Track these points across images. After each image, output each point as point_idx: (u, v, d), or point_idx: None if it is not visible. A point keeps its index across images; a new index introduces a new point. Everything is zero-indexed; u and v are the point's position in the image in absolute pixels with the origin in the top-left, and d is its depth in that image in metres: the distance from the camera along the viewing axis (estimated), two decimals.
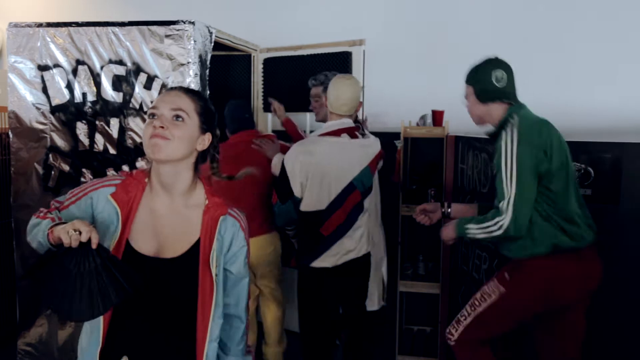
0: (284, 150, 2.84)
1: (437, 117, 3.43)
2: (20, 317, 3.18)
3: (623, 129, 3.56)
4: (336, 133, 2.66)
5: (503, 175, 2.09)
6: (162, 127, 1.46)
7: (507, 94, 2.33)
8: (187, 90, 1.57)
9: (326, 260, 2.62)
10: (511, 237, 2.10)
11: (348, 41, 3.67)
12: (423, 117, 3.49)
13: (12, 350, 3.33)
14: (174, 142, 1.47)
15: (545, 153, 2.12)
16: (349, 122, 2.69)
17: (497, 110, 2.32)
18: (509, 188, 2.06)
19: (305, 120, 3.86)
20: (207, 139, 1.56)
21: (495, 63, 2.34)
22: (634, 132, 3.54)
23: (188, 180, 1.55)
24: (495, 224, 2.09)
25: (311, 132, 3.76)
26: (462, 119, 3.64)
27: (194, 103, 1.53)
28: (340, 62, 3.66)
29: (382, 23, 3.89)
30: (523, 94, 3.69)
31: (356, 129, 2.72)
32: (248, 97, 4.02)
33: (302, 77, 3.76)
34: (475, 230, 2.16)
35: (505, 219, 2.07)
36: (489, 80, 2.30)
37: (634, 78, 3.56)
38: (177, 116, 1.49)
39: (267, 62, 3.91)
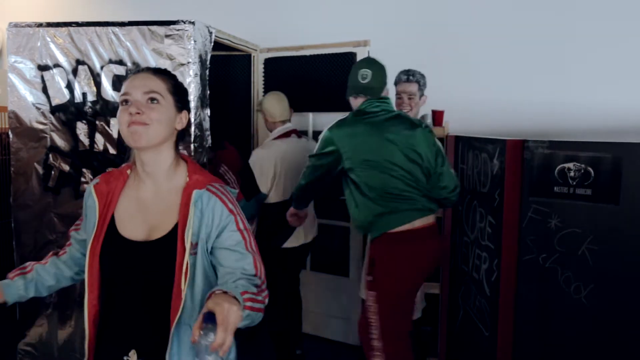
0: (227, 158, 3.26)
1: (437, 117, 3.43)
2: (20, 317, 3.17)
3: (623, 129, 3.56)
4: (286, 135, 3.33)
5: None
6: (139, 113, 1.43)
7: (369, 90, 2.58)
8: (156, 71, 1.54)
9: (293, 242, 3.24)
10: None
11: (352, 42, 3.68)
12: (423, 117, 3.49)
13: (12, 350, 3.33)
14: (153, 126, 1.45)
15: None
16: (291, 125, 3.40)
17: (358, 102, 2.66)
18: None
19: (307, 120, 3.87)
20: (184, 116, 1.55)
21: (364, 63, 2.66)
22: (634, 132, 3.54)
23: (169, 162, 1.53)
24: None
25: (314, 132, 3.79)
26: (462, 119, 3.66)
27: (165, 83, 1.50)
28: (344, 63, 3.68)
29: (381, 23, 3.89)
30: (523, 94, 3.71)
31: (297, 131, 3.41)
32: (248, 97, 4.02)
33: (305, 78, 3.78)
34: None
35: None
36: (355, 78, 2.62)
37: (634, 78, 3.57)
38: (152, 99, 1.46)
39: (268, 62, 3.91)
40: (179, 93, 1.53)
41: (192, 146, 2.83)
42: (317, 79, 3.76)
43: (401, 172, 2.51)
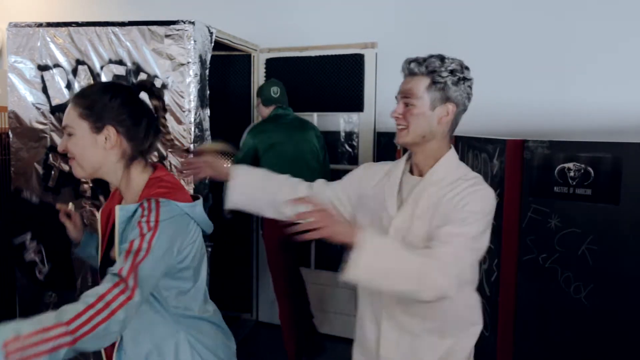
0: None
1: None
2: (20, 317, 3.17)
3: (623, 129, 3.56)
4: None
5: None
6: (64, 151, 1.42)
7: (276, 101, 3.52)
8: (73, 98, 1.46)
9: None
10: None
11: (359, 44, 3.73)
12: None
13: None
14: (77, 160, 1.43)
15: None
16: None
17: (270, 110, 3.54)
18: None
19: (312, 120, 3.89)
20: (111, 132, 1.42)
21: (273, 82, 3.55)
22: (634, 132, 3.54)
23: (122, 182, 1.48)
24: None
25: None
26: (463, 119, 3.65)
27: (76, 109, 1.42)
28: (351, 64, 3.73)
29: (381, 24, 3.89)
30: (524, 94, 3.70)
31: None
32: (248, 97, 4.02)
33: (310, 78, 3.81)
34: None
35: None
36: (268, 93, 3.51)
37: (634, 78, 3.56)
38: (69, 134, 1.42)
39: (270, 62, 3.92)
40: (94, 112, 1.40)
41: (192, 146, 2.83)
42: (323, 79, 3.79)
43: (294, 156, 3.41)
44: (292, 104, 3.77)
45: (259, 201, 1.84)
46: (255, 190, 1.84)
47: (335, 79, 3.78)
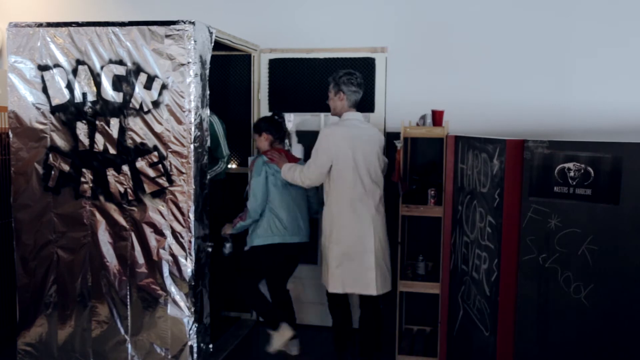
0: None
1: (437, 117, 3.43)
2: (20, 317, 3.18)
3: (623, 129, 3.56)
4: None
5: None
6: None
7: None
8: None
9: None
10: None
11: (369, 47, 3.84)
12: (423, 117, 3.49)
13: (12, 350, 3.33)
14: None
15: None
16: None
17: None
18: None
19: (319, 120, 3.93)
20: None
21: None
22: (634, 132, 3.54)
23: None
24: None
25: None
26: (462, 119, 3.67)
27: None
28: (362, 67, 3.80)
29: (381, 24, 3.89)
30: (524, 94, 3.71)
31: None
32: (248, 97, 4.02)
33: (317, 80, 3.85)
34: None
35: None
36: None
37: (634, 78, 3.57)
38: None
39: (274, 63, 3.93)
40: None
41: (192, 146, 2.83)
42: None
43: None
44: (297, 105, 3.77)
45: None
46: None
47: None
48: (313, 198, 3.56)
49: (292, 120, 4.01)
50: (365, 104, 3.85)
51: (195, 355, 2.95)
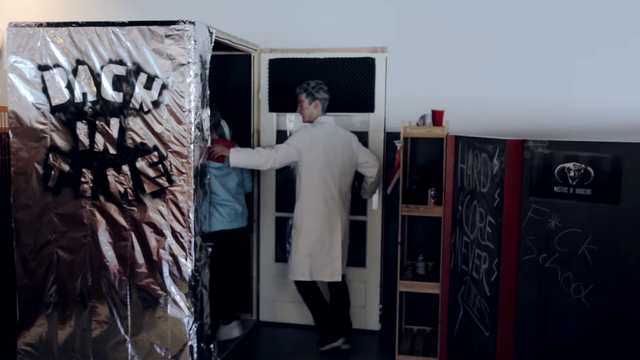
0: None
1: (437, 117, 3.43)
2: (20, 317, 3.18)
3: (623, 129, 3.56)
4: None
5: None
6: None
7: None
8: None
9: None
10: None
11: (369, 47, 3.84)
12: (423, 117, 3.49)
13: (12, 350, 3.33)
14: None
15: None
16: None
17: None
18: None
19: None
20: None
21: None
22: (634, 132, 3.54)
23: None
24: None
25: None
26: (462, 119, 3.67)
27: None
28: (362, 67, 3.82)
29: (381, 24, 3.89)
30: (524, 94, 3.71)
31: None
32: (248, 97, 4.02)
33: (317, 79, 3.82)
34: None
35: None
36: None
37: (634, 78, 3.57)
38: None
39: (274, 63, 3.93)
40: None
41: (192, 146, 2.84)
42: (331, 81, 3.82)
43: None
44: (295, 104, 3.75)
45: None
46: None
47: (345, 81, 3.87)
48: (247, 177, 3.84)
49: (293, 121, 4.02)
50: (364, 104, 3.85)
51: (195, 355, 2.95)
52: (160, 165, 2.89)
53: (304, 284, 3.59)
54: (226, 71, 4.04)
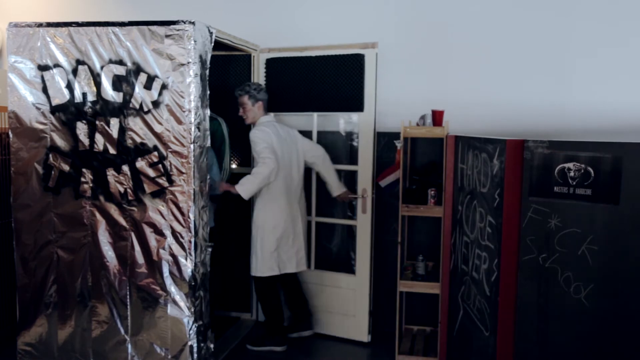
0: None
1: (437, 117, 3.43)
2: (20, 317, 3.18)
3: (623, 129, 3.56)
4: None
5: None
6: None
7: None
8: None
9: None
10: None
11: (359, 44, 3.73)
12: (423, 117, 3.49)
13: (12, 350, 3.33)
14: None
15: None
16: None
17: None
18: None
19: (312, 120, 3.91)
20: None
21: None
22: (634, 132, 3.54)
23: None
24: None
25: (318, 132, 3.94)
26: (462, 119, 3.67)
27: None
28: (352, 65, 3.73)
29: (381, 24, 3.89)
30: (523, 94, 3.71)
31: None
32: None
33: (310, 78, 3.85)
34: None
35: None
36: None
37: (634, 78, 3.57)
38: None
39: (270, 62, 3.92)
40: None
41: (192, 146, 2.83)
42: (323, 79, 3.80)
43: None
44: (292, 104, 3.76)
45: None
46: None
47: (336, 79, 3.77)
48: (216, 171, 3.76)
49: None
50: (353, 104, 3.72)
51: (195, 355, 2.95)
52: (160, 165, 2.89)
53: (267, 282, 3.64)
54: (226, 71, 4.04)
